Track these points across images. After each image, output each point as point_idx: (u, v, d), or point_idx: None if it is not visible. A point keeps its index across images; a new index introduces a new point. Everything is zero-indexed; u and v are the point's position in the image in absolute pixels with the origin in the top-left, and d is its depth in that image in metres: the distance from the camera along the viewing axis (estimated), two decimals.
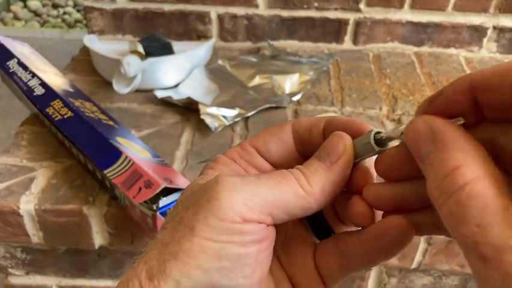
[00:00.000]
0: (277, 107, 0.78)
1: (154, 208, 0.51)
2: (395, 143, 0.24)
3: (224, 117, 0.73)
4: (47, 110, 0.62)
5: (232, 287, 0.23)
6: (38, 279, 0.69)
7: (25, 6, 2.67)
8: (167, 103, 0.78)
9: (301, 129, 0.27)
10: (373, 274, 0.66)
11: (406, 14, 0.93)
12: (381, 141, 0.24)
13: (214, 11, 0.93)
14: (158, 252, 0.23)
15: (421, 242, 0.59)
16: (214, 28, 0.95)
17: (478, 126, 0.21)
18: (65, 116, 0.60)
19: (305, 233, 0.28)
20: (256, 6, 0.93)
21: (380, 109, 0.79)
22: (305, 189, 0.24)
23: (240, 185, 0.23)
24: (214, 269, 0.22)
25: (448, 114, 0.21)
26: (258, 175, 0.24)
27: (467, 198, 0.17)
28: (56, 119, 0.61)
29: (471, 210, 0.17)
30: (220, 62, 0.88)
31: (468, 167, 0.18)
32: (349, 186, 0.26)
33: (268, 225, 0.23)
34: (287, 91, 0.81)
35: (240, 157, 0.27)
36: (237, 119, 0.74)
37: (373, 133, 0.24)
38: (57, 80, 0.69)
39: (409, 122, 0.22)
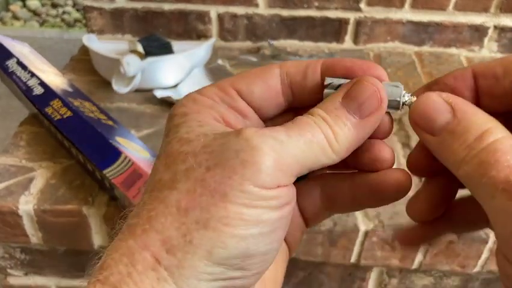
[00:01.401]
0: None
1: None
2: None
3: None
4: (46, 109, 0.61)
5: (266, 252, 0.21)
6: (37, 280, 0.69)
7: (24, 5, 2.67)
8: (166, 103, 0.77)
9: (292, 71, 0.24)
10: (373, 274, 0.66)
11: (407, 14, 0.93)
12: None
13: (214, 11, 0.93)
14: (175, 220, 0.20)
15: None
16: (214, 28, 0.95)
17: None
18: (65, 116, 0.60)
19: None
20: (256, 5, 0.92)
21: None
22: (333, 148, 0.22)
23: (275, 147, 0.21)
24: (251, 236, 0.20)
25: None
26: (286, 129, 0.21)
27: (499, 147, 0.19)
28: (55, 118, 0.60)
29: (504, 156, 0.19)
30: (220, 61, 0.88)
31: (497, 129, 0.20)
32: None
33: None
34: None
35: (221, 100, 0.24)
36: None
37: (403, 92, 0.23)
38: (56, 80, 0.68)
39: (420, 96, 0.22)
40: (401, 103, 0.23)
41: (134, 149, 0.58)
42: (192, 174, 0.21)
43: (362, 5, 0.92)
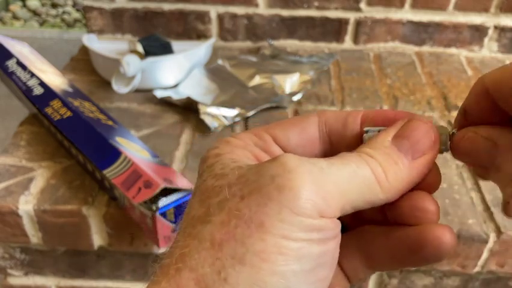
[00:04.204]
0: (277, 107, 0.77)
1: (154, 208, 0.50)
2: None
3: (224, 117, 0.73)
4: (46, 109, 0.61)
5: None
6: (37, 280, 0.69)
7: (24, 5, 2.67)
8: (166, 103, 0.77)
9: (332, 120, 0.23)
10: (374, 274, 0.66)
11: (407, 14, 0.93)
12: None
13: (214, 11, 0.93)
14: (209, 255, 0.18)
15: None
16: (213, 27, 0.95)
17: None
18: (64, 116, 0.60)
19: None
20: (256, 5, 0.92)
21: (381, 109, 0.78)
22: (382, 185, 0.20)
23: (315, 172, 0.19)
24: (292, 273, 0.18)
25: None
26: (328, 159, 0.20)
27: None
28: (55, 119, 0.60)
29: None
30: (220, 61, 0.88)
31: None
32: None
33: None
34: (287, 91, 0.81)
35: (254, 143, 0.23)
36: (236, 119, 0.73)
37: (450, 133, 0.22)
38: (56, 80, 0.68)
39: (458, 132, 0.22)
40: (447, 146, 0.22)
41: (134, 149, 0.58)
42: (225, 205, 0.19)
43: (362, 5, 0.92)
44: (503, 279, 0.64)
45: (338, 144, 0.24)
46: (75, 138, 0.58)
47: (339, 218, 0.24)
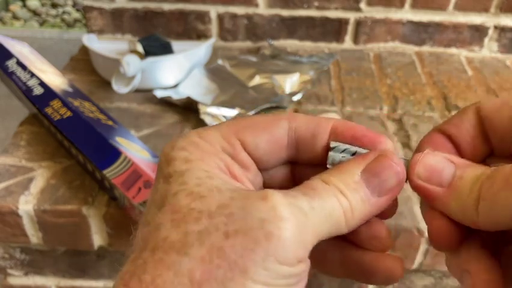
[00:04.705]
0: (277, 107, 0.77)
1: None
2: None
3: (224, 117, 0.73)
4: (46, 109, 0.61)
5: None
6: (37, 280, 0.69)
7: (24, 5, 2.67)
8: (166, 103, 0.77)
9: (303, 128, 0.23)
10: None
11: (407, 14, 0.93)
12: None
13: (214, 11, 0.93)
14: None
15: (422, 243, 0.59)
16: (213, 27, 0.95)
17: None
18: (64, 116, 0.60)
19: None
20: (256, 5, 0.92)
21: (381, 109, 0.78)
22: (348, 222, 0.21)
23: (301, 220, 0.19)
24: None
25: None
26: (308, 199, 0.20)
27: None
28: (55, 119, 0.60)
29: None
30: (220, 61, 0.88)
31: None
32: None
33: None
34: (287, 91, 0.81)
35: (223, 149, 0.22)
36: None
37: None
38: (56, 80, 0.68)
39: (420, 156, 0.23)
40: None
41: (134, 149, 0.58)
42: (207, 239, 0.18)
43: (362, 5, 0.92)
44: None
45: (304, 153, 0.24)
46: (75, 138, 0.58)
47: None
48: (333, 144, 0.23)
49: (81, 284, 0.69)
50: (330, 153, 0.23)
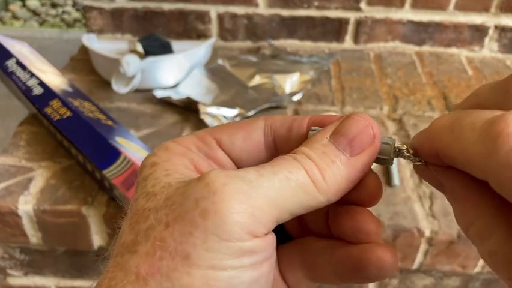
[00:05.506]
0: (277, 107, 0.77)
1: None
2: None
3: (224, 117, 0.73)
4: (45, 109, 0.61)
5: None
6: (37, 280, 0.69)
7: (24, 5, 2.67)
8: (166, 103, 0.77)
9: (278, 124, 0.22)
10: None
11: (407, 13, 0.93)
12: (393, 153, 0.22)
13: (214, 10, 0.93)
14: None
15: (422, 243, 0.59)
16: (213, 27, 0.95)
17: None
18: (64, 116, 0.60)
19: None
20: (256, 5, 0.92)
21: (381, 109, 0.78)
22: (318, 186, 0.19)
23: (242, 188, 0.18)
24: None
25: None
26: (257, 168, 0.19)
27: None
28: (55, 118, 0.60)
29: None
30: (220, 61, 0.88)
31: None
32: (353, 193, 0.21)
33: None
34: (287, 91, 0.81)
35: (197, 148, 0.22)
36: (236, 119, 0.73)
37: (395, 146, 0.22)
38: (56, 80, 0.68)
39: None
40: (393, 158, 0.21)
41: (134, 149, 0.57)
42: (151, 233, 0.18)
43: (362, 5, 0.92)
44: None
45: (283, 150, 0.23)
46: (75, 138, 0.58)
47: (283, 227, 0.24)
48: (313, 128, 0.22)
49: (81, 284, 0.69)
50: (310, 133, 0.22)
